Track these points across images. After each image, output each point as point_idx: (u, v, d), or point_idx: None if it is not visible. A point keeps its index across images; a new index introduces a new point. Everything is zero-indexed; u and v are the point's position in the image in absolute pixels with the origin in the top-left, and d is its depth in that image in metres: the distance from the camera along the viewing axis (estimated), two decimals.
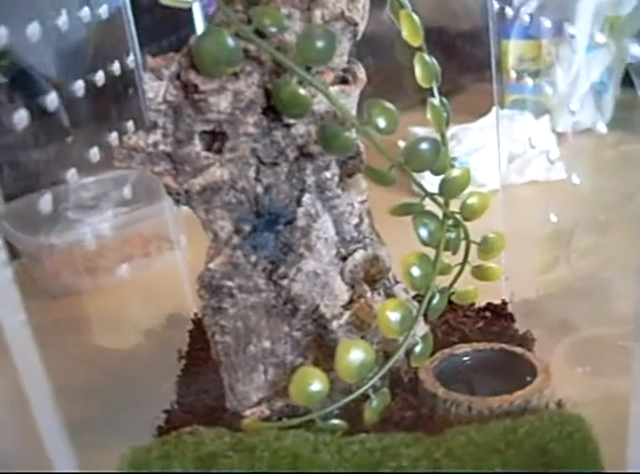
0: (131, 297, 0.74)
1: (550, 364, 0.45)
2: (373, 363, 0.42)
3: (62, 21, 0.76)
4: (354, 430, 0.41)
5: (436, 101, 0.46)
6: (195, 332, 0.57)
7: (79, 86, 0.51)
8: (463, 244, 0.48)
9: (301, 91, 0.39)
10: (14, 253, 0.81)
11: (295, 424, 0.41)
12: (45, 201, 0.79)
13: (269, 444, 0.39)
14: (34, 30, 0.68)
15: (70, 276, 0.78)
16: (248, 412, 0.43)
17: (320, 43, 0.38)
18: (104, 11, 0.56)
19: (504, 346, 0.47)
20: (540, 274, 0.52)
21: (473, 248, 0.48)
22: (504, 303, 0.54)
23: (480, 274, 0.50)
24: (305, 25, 0.40)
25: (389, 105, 0.40)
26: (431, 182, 0.44)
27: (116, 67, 0.57)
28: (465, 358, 0.47)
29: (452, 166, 0.46)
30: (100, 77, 0.54)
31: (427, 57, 0.45)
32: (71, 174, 0.80)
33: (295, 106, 0.39)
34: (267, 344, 0.43)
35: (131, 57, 0.60)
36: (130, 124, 0.55)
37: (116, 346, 0.61)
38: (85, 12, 0.54)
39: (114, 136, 0.53)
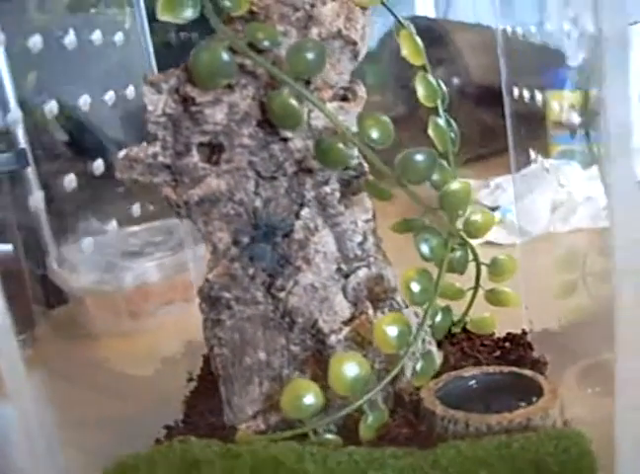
0: (167, 338, 0.75)
1: (561, 387, 0.43)
2: (368, 378, 0.41)
3: (130, 90, 0.82)
4: (348, 445, 0.40)
5: (440, 120, 0.46)
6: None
7: None
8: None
9: (293, 102, 0.40)
10: (61, 298, 0.85)
11: (287, 436, 0.40)
12: (89, 244, 0.83)
13: (254, 453, 0.38)
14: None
15: (112, 319, 0.80)
16: (243, 425, 0.43)
17: (310, 55, 0.39)
18: None
19: (514, 369, 0.45)
20: (558, 298, 0.50)
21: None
22: (523, 333, 0.52)
23: (494, 298, 0.49)
24: None
25: (383, 117, 0.41)
26: None
27: None
28: (472, 381, 0.45)
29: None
30: None
31: (430, 77, 0.46)
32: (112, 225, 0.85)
33: (287, 116, 0.40)
34: (262, 355, 0.43)
35: None
36: None
37: (140, 376, 0.63)
38: None
39: None
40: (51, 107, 0.76)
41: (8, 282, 0.81)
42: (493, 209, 0.88)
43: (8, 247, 0.78)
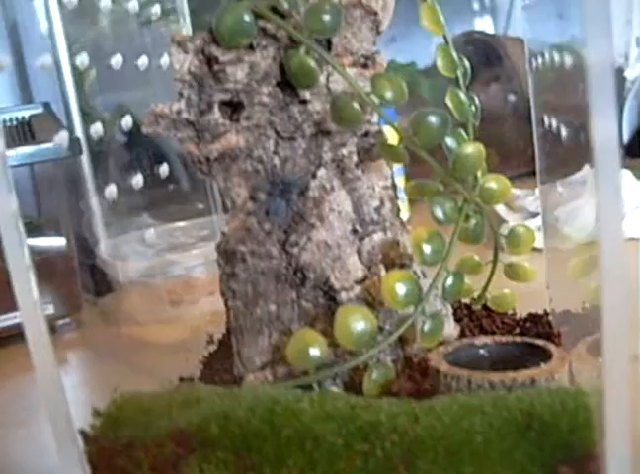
0: (204, 325, 0.77)
1: (572, 355, 0.42)
2: (374, 332, 0.41)
3: None
4: None
5: (459, 91, 0.47)
6: None
7: None
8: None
9: (309, 60, 0.41)
10: (109, 287, 0.88)
11: (291, 386, 0.41)
12: (139, 236, 0.86)
13: (253, 393, 0.39)
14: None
15: (155, 307, 0.83)
16: (251, 376, 0.44)
17: (326, 16, 0.41)
18: None
19: (526, 339, 0.45)
20: (578, 276, 0.50)
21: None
22: (545, 313, 0.52)
23: (512, 272, 0.49)
24: None
25: (395, 77, 0.42)
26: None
27: None
28: (483, 349, 0.45)
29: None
30: None
31: (451, 50, 0.47)
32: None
33: (304, 75, 0.42)
34: (272, 307, 0.44)
35: None
36: None
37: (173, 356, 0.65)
38: None
39: None
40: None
41: (56, 269, 0.84)
42: (536, 215, 0.87)
43: (61, 240, 0.82)
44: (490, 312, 0.52)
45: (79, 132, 0.78)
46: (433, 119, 0.42)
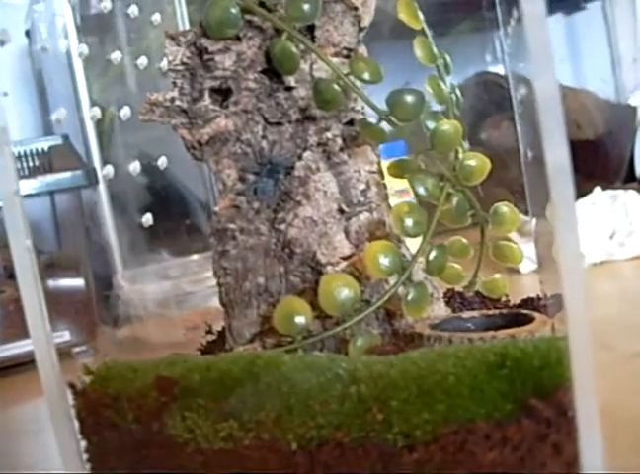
0: None
1: (556, 320, 0.43)
2: (358, 298, 0.43)
3: None
4: None
5: (439, 80, 0.49)
6: None
7: None
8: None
9: (291, 46, 0.44)
10: (125, 317, 0.90)
11: (277, 352, 0.42)
12: (156, 269, 0.89)
13: (236, 353, 0.40)
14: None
15: (171, 333, 0.85)
16: (241, 348, 0.45)
17: (305, 5, 0.44)
18: None
19: (513, 310, 0.46)
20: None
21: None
22: (538, 298, 0.52)
23: (500, 253, 0.50)
24: None
25: (372, 60, 0.45)
26: None
27: None
28: (470, 322, 0.46)
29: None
30: None
31: (427, 39, 0.49)
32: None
33: (286, 60, 0.45)
34: (261, 280, 0.45)
35: None
36: None
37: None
38: None
39: None
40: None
41: (73, 297, 0.87)
42: None
43: (79, 271, 0.85)
44: (483, 298, 0.52)
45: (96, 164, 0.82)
46: (408, 97, 0.44)
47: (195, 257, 0.92)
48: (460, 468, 0.34)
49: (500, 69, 1.41)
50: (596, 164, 1.14)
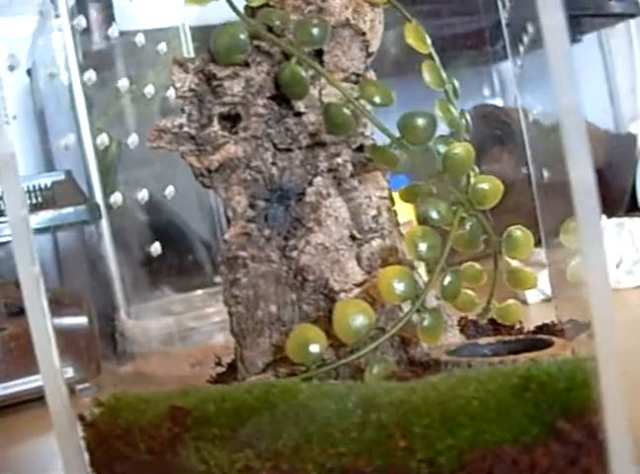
0: None
1: (576, 341, 0.42)
2: (373, 324, 0.42)
3: None
4: None
5: (449, 105, 0.49)
6: None
7: None
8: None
9: (300, 70, 0.44)
10: (128, 354, 0.89)
11: (292, 380, 0.41)
12: (159, 305, 0.88)
13: (250, 382, 0.39)
14: None
15: (175, 369, 0.83)
16: (253, 378, 0.44)
17: (313, 28, 0.44)
18: None
19: (530, 336, 0.45)
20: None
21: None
22: (553, 324, 0.51)
23: (514, 279, 0.49)
24: None
25: (382, 84, 0.44)
26: None
27: None
28: (487, 348, 0.45)
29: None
30: None
31: (436, 64, 0.49)
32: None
33: (295, 84, 0.45)
34: (273, 309, 0.44)
35: None
36: None
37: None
38: None
39: None
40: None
41: (76, 334, 0.86)
42: None
43: (82, 308, 0.84)
44: (497, 325, 0.51)
45: (99, 199, 0.82)
46: (420, 120, 0.44)
47: (198, 292, 0.91)
48: None
49: (498, 102, 1.42)
50: (598, 195, 1.13)
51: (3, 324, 0.84)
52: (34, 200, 0.77)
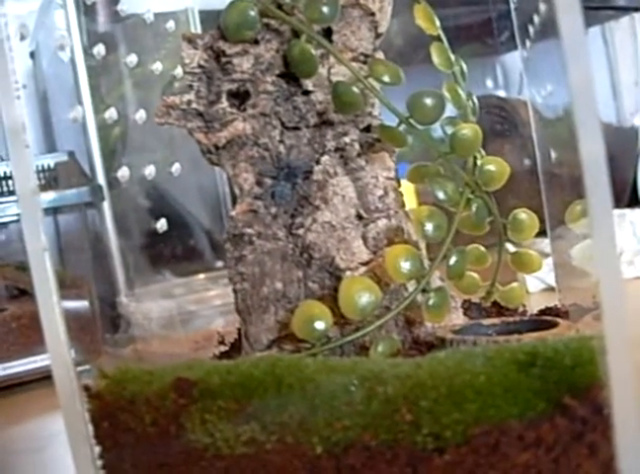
0: None
1: (580, 323, 0.42)
2: (378, 302, 0.42)
3: None
4: None
5: (457, 86, 0.49)
6: None
7: None
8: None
9: (310, 48, 0.44)
10: (129, 337, 0.89)
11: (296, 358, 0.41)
12: (160, 289, 0.88)
13: (256, 357, 0.39)
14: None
15: (176, 353, 0.83)
16: (258, 355, 0.44)
17: (323, 7, 0.44)
18: None
19: (534, 317, 0.45)
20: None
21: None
22: (556, 308, 0.51)
23: (519, 261, 0.49)
24: None
25: (391, 63, 0.44)
26: None
27: None
28: (491, 329, 0.45)
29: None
30: None
31: (444, 46, 0.49)
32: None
33: (304, 62, 0.44)
34: (279, 285, 0.44)
35: None
36: None
37: None
38: None
39: None
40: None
41: (77, 316, 0.86)
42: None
43: (83, 291, 0.84)
44: (500, 308, 0.52)
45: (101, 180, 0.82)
46: (428, 100, 0.44)
47: (200, 276, 0.91)
48: (493, 470, 0.33)
49: (501, 93, 1.41)
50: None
51: (3, 305, 0.84)
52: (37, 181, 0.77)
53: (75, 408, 0.36)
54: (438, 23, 0.49)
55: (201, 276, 0.91)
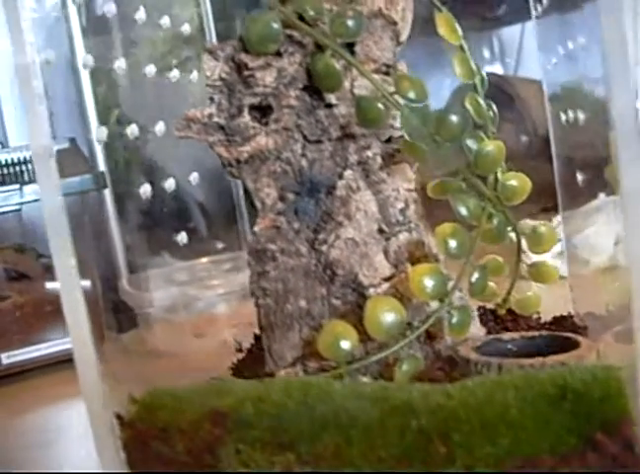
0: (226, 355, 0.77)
1: (600, 343, 0.43)
2: (404, 322, 0.42)
3: None
4: None
5: (478, 97, 0.49)
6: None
7: None
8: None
9: (334, 63, 0.43)
10: (131, 323, 0.89)
11: (322, 378, 0.41)
12: (161, 273, 0.87)
13: (285, 379, 0.39)
14: None
15: (178, 340, 0.84)
16: (282, 372, 0.44)
17: (349, 20, 0.43)
18: None
19: (553, 333, 0.46)
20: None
21: None
22: (570, 316, 0.52)
23: (536, 273, 0.50)
24: None
25: (417, 78, 0.44)
26: None
27: None
28: (511, 344, 0.46)
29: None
30: None
31: (466, 55, 0.49)
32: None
33: (328, 77, 0.44)
34: (303, 303, 0.45)
35: None
36: None
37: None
38: None
39: None
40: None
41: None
42: None
43: (84, 274, 0.83)
44: (515, 316, 0.52)
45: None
46: (454, 118, 0.43)
47: (203, 260, 0.91)
48: None
49: (498, 68, 1.41)
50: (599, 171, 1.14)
51: (5, 291, 0.84)
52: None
53: (108, 438, 0.36)
54: (460, 32, 0.49)
55: (205, 259, 0.91)
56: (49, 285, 0.89)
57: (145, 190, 0.77)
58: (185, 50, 0.84)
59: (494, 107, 0.51)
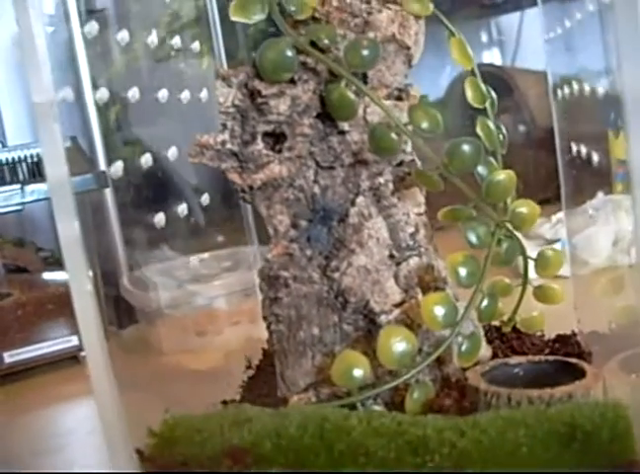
0: (229, 354, 0.78)
1: (605, 372, 0.44)
2: (415, 352, 0.43)
3: None
4: None
5: (488, 121, 0.49)
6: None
7: None
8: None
9: (349, 93, 0.44)
10: (132, 319, 0.89)
11: (335, 405, 0.42)
12: (161, 269, 0.88)
13: (302, 412, 0.40)
14: None
15: (180, 337, 0.84)
16: (295, 397, 0.45)
17: (364, 51, 0.43)
18: None
19: (559, 358, 0.47)
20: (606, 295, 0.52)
21: None
22: (573, 334, 0.53)
23: (542, 295, 0.51)
24: None
25: (431, 108, 0.44)
26: None
27: None
28: (518, 368, 0.47)
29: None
30: None
31: (479, 83, 0.49)
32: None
33: (343, 107, 0.44)
34: (316, 331, 0.45)
35: None
36: None
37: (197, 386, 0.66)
38: None
39: None
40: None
41: None
42: (552, 242, 0.89)
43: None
44: (520, 334, 0.53)
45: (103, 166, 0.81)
46: (466, 148, 0.44)
47: (203, 256, 0.91)
48: None
49: (496, 54, 1.40)
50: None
51: (5, 287, 0.84)
52: (38, 168, 0.76)
53: (110, 401, 0.37)
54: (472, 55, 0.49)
55: (206, 254, 0.91)
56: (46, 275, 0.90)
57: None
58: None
59: (503, 129, 0.51)
